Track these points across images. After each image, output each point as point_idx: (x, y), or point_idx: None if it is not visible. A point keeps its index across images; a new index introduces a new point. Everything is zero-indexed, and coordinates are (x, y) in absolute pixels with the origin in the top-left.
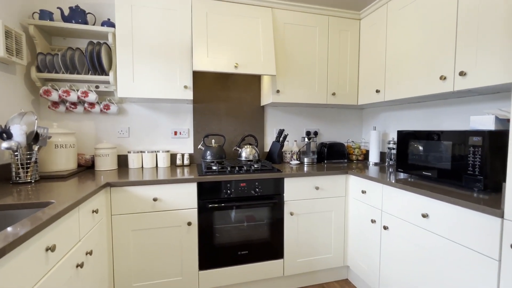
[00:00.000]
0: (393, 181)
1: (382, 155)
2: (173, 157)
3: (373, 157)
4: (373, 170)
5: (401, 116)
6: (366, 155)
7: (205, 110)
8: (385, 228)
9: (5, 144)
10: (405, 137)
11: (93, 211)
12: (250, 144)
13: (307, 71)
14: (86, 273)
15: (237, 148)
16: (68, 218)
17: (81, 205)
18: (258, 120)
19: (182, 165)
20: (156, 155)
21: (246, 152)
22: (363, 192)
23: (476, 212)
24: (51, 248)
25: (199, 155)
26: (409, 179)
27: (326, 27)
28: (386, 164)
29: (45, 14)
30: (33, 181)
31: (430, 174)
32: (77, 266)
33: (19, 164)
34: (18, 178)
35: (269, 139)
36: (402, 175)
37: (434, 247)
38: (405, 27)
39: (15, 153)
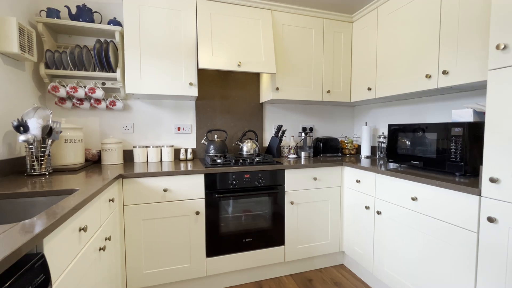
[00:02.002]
0: (385, 170)
1: (373, 149)
2: (176, 151)
3: (365, 151)
4: (365, 161)
5: (390, 112)
6: (358, 149)
7: (206, 107)
8: (378, 213)
9: (22, 137)
10: (394, 131)
11: (109, 200)
12: (250, 139)
13: (304, 70)
14: (105, 258)
15: (239, 143)
16: (93, 204)
17: (101, 194)
18: (257, 116)
19: (186, 159)
20: (161, 149)
21: (247, 147)
22: (358, 181)
23: (458, 192)
24: (84, 229)
25: (201, 150)
26: (399, 168)
27: (321, 29)
28: (377, 157)
29: (52, 12)
30: (47, 174)
31: (417, 163)
32: (99, 249)
33: (34, 157)
34: (33, 170)
35: (268, 134)
36: (392, 165)
37: (422, 226)
38: (394, 29)
39: (30, 146)
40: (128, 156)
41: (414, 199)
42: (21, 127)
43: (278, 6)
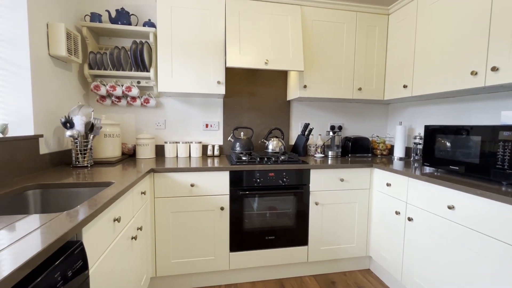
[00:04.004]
0: (420, 174)
1: (408, 150)
2: (204, 148)
3: (398, 152)
4: (398, 164)
5: (427, 111)
6: (390, 150)
7: (234, 104)
8: (410, 219)
9: (68, 132)
10: (432, 132)
11: (141, 193)
12: (276, 137)
13: (334, 67)
14: (137, 246)
15: (264, 141)
16: (126, 197)
17: (134, 187)
18: (283, 114)
19: (213, 156)
20: (190, 145)
21: (272, 145)
22: (388, 185)
23: (503, 203)
24: (118, 219)
25: (228, 146)
26: (436, 173)
27: (354, 23)
28: (412, 159)
29: (95, 17)
30: (89, 166)
31: (457, 168)
32: (132, 238)
33: (79, 150)
34: (77, 163)
35: (294, 132)
36: (428, 169)
37: (460, 238)
38: (436, 22)
39: (75, 141)
40: (159, 151)
41: (451, 207)
42: (68, 123)
43: (308, 1)
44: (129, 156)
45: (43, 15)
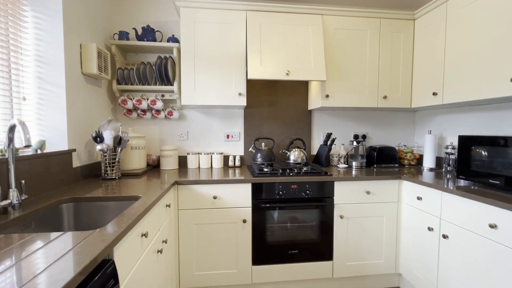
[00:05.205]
0: (455, 188)
1: (438, 160)
2: (225, 158)
3: (428, 162)
4: (428, 175)
5: (459, 119)
6: (419, 160)
7: (254, 115)
8: (445, 237)
9: (99, 147)
10: (467, 142)
11: (166, 205)
12: (298, 147)
13: (357, 75)
14: (162, 259)
15: (286, 151)
16: (153, 211)
17: (160, 200)
18: (305, 124)
19: (234, 166)
20: (211, 156)
21: (294, 155)
22: (419, 198)
23: None
24: (145, 234)
25: (249, 157)
26: (472, 187)
27: (378, 29)
28: (443, 170)
29: (123, 35)
30: (117, 178)
31: (497, 182)
32: (157, 252)
33: (107, 163)
34: (106, 175)
35: (316, 142)
36: (463, 182)
37: (504, 260)
38: (469, 25)
39: (104, 154)
40: (182, 161)
41: (492, 226)
42: (98, 138)
43: (330, 10)
44: (153, 167)
45: (77, 37)
